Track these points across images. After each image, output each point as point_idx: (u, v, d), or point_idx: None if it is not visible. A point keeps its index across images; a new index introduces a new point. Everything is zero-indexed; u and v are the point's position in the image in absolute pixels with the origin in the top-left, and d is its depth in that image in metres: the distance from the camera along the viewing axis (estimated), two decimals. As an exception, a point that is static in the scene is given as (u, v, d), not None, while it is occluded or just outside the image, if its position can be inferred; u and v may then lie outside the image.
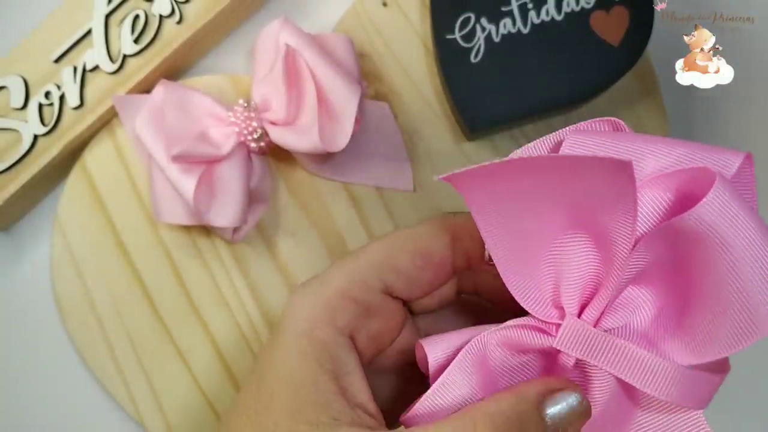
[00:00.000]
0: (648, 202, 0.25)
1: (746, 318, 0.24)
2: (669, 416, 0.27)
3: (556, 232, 0.26)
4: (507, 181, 0.25)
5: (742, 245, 0.23)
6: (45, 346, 0.46)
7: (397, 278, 0.30)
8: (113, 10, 0.46)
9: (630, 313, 0.27)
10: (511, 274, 0.26)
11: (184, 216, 0.43)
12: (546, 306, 0.27)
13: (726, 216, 0.23)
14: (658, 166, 0.25)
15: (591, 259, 0.26)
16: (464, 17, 0.45)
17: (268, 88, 0.43)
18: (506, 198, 0.25)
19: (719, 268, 0.24)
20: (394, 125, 0.47)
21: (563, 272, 0.27)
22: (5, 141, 0.45)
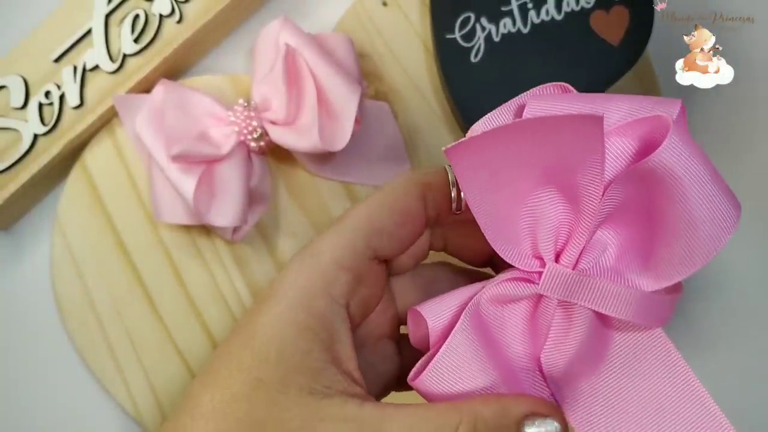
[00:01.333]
0: (614, 149, 0.28)
1: (694, 242, 0.27)
2: (638, 335, 0.31)
3: (529, 189, 0.29)
4: (489, 147, 0.27)
5: (691, 180, 0.27)
6: (45, 346, 0.46)
7: (381, 239, 0.31)
8: (113, 9, 0.46)
9: (599, 252, 0.30)
10: (493, 233, 0.29)
11: (184, 216, 0.43)
12: (527, 258, 0.30)
13: (680, 157, 0.26)
14: (615, 119, 0.28)
15: (561, 209, 0.29)
16: (464, 17, 0.45)
17: (268, 88, 0.43)
18: (487, 163, 0.28)
19: (673, 202, 0.27)
20: (394, 125, 0.47)
21: (538, 225, 0.29)
22: (5, 140, 0.45)
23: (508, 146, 0.27)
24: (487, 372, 0.29)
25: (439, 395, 0.29)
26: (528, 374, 0.31)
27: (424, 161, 0.47)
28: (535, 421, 0.28)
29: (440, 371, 0.29)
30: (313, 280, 0.30)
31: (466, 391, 0.29)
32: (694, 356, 0.32)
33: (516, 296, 0.30)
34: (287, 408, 0.28)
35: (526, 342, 0.31)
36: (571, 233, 0.29)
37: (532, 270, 0.30)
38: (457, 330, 0.29)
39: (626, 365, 0.31)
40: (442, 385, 0.29)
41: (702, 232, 0.27)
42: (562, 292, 0.29)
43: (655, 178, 0.27)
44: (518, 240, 0.30)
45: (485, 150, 0.27)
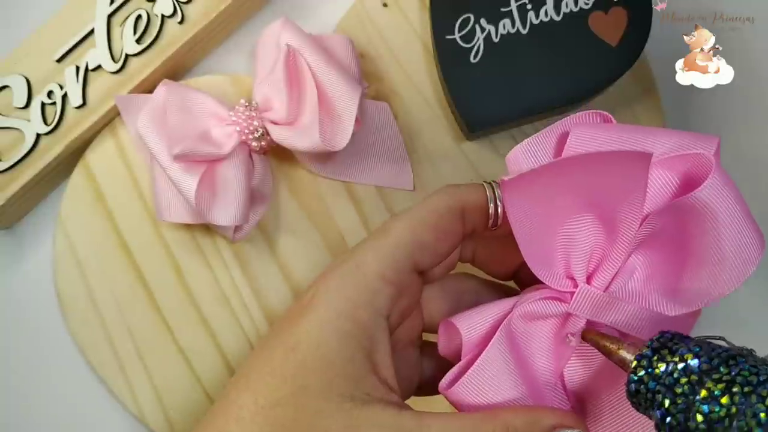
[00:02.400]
0: (656, 183, 0.30)
1: (720, 274, 0.29)
2: None
3: (568, 214, 0.31)
4: (542, 179, 0.29)
5: (725, 216, 0.28)
6: (47, 344, 0.46)
7: (422, 254, 0.32)
8: (116, 10, 0.46)
9: (627, 276, 0.31)
10: (530, 252, 0.30)
11: (185, 215, 0.43)
12: (560, 278, 0.31)
13: (719, 195, 0.28)
14: (656, 153, 0.29)
15: (597, 234, 0.31)
16: (464, 18, 0.45)
17: (270, 88, 0.43)
18: (535, 191, 0.29)
19: (705, 235, 0.29)
20: (394, 125, 0.47)
21: (573, 247, 0.31)
22: (8, 140, 0.45)
23: (558, 177, 0.29)
24: (517, 385, 0.31)
25: (470, 405, 0.30)
26: (550, 388, 0.32)
27: (424, 160, 0.47)
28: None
29: (475, 382, 0.30)
30: (357, 291, 0.31)
31: (497, 402, 0.30)
32: None
33: (547, 314, 0.31)
34: (329, 414, 0.29)
35: (551, 357, 0.32)
36: (604, 257, 0.31)
37: (564, 290, 0.31)
38: (493, 344, 0.30)
39: None
40: (475, 395, 0.30)
41: (728, 265, 0.28)
42: (591, 312, 0.31)
43: (691, 211, 0.28)
44: (553, 260, 0.31)
45: (538, 181, 0.29)
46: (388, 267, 0.31)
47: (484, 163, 0.47)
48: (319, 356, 0.29)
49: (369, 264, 0.31)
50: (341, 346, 0.30)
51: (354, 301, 0.30)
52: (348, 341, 0.30)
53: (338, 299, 0.30)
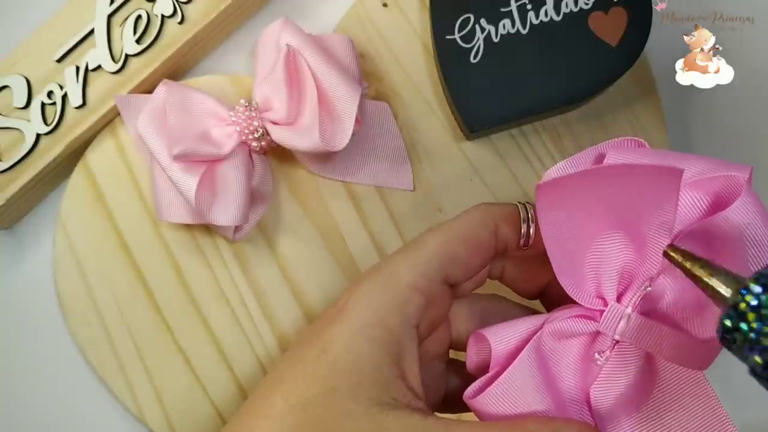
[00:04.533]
0: (686, 202, 0.30)
1: None
2: (680, 376, 0.32)
3: (599, 231, 0.31)
4: (574, 187, 0.29)
5: (751, 235, 0.29)
6: (47, 344, 0.46)
7: (453, 267, 0.33)
8: (115, 10, 0.46)
9: (657, 298, 0.31)
10: (561, 269, 0.31)
11: (185, 215, 0.43)
12: (590, 296, 0.31)
13: (747, 217, 0.28)
14: (688, 175, 0.30)
15: (628, 253, 0.31)
16: (464, 18, 0.45)
17: (270, 88, 0.43)
18: (566, 203, 0.30)
19: (731, 257, 0.29)
20: (394, 125, 0.47)
21: (603, 266, 0.31)
22: (8, 140, 0.45)
23: (589, 188, 0.29)
24: (542, 398, 0.31)
25: (495, 416, 0.31)
26: (576, 405, 0.32)
27: (424, 161, 0.47)
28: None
29: (500, 393, 0.30)
30: (388, 299, 0.31)
31: (519, 413, 0.31)
32: None
33: (577, 332, 0.32)
34: (357, 417, 0.29)
35: (578, 376, 0.32)
36: (633, 276, 0.31)
37: (594, 308, 0.31)
38: (522, 357, 0.30)
39: (666, 403, 0.32)
40: (499, 406, 0.31)
41: None
42: (620, 331, 0.31)
43: (719, 232, 0.29)
44: (583, 278, 0.31)
45: (570, 189, 0.29)
46: (419, 277, 0.32)
47: (484, 163, 0.47)
48: (350, 360, 0.30)
49: (401, 273, 0.32)
50: (371, 352, 0.30)
51: (385, 308, 0.31)
52: (377, 347, 0.30)
53: (369, 306, 0.31)
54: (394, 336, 0.31)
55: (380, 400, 0.30)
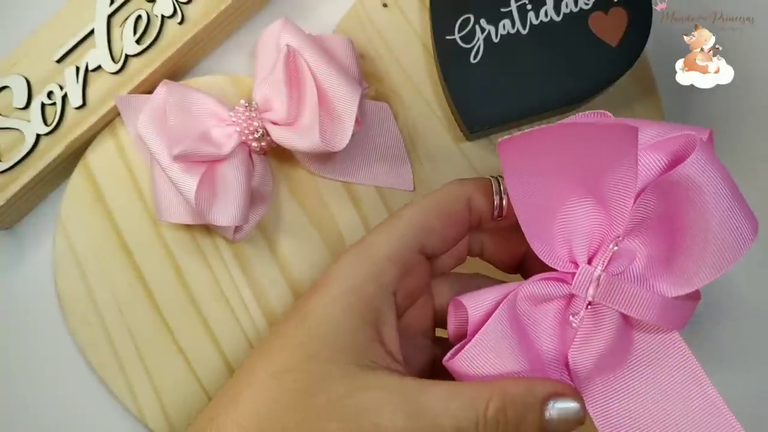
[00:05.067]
0: (645, 162, 0.30)
1: (710, 253, 0.30)
2: (656, 337, 0.33)
3: (567, 195, 0.32)
4: (536, 145, 0.30)
5: (711, 193, 0.29)
6: (47, 345, 0.46)
7: (428, 238, 0.34)
8: (115, 10, 0.46)
9: (628, 260, 0.32)
10: (532, 235, 0.32)
11: (185, 215, 0.43)
12: (562, 261, 0.33)
13: (704, 171, 0.29)
14: (651, 135, 0.31)
15: (596, 216, 0.32)
16: (464, 18, 0.45)
17: (270, 89, 0.43)
18: (532, 163, 0.31)
19: (693, 213, 0.29)
20: (394, 125, 0.47)
21: (573, 229, 0.32)
22: (8, 140, 0.45)
23: (552, 148, 0.30)
24: (517, 359, 0.32)
25: (471, 376, 0.32)
26: (556, 368, 0.34)
27: (424, 161, 0.47)
28: (557, 400, 0.31)
29: (476, 354, 0.32)
30: (365, 269, 0.33)
31: (496, 374, 0.32)
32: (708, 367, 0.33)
33: (550, 295, 0.33)
34: (336, 378, 0.31)
35: (556, 340, 0.34)
36: (603, 239, 0.32)
37: (566, 271, 0.33)
38: (493, 318, 0.32)
39: (644, 364, 0.33)
40: (475, 366, 0.32)
41: (717, 243, 0.29)
42: (593, 293, 0.32)
43: (680, 190, 0.29)
44: (555, 242, 0.33)
45: (532, 147, 0.30)
46: (394, 247, 0.33)
47: (484, 163, 0.47)
48: (327, 327, 0.31)
49: (377, 244, 0.34)
50: (347, 318, 0.32)
51: (361, 277, 0.33)
52: (353, 313, 0.32)
53: (347, 276, 0.33)
54: (371, 303, 0.32)
55: (358, 362, 0.31)
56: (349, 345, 0.31)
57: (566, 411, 0.31)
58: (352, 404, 0.30)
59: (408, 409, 0.30)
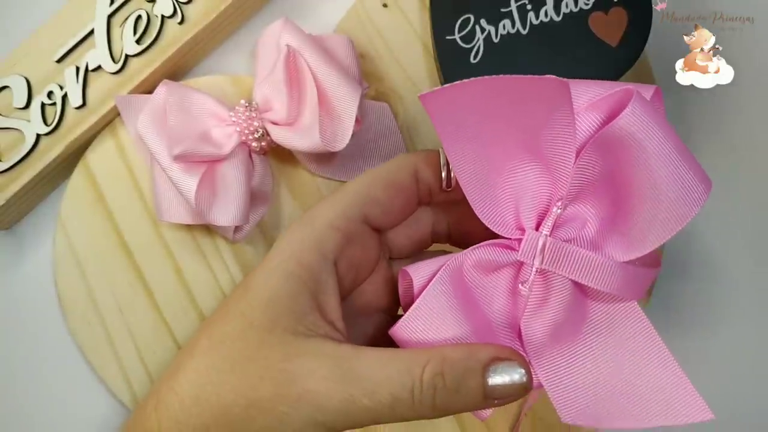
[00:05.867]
0: (585, 123, 0.29)
1: (659, 210, 0.28)
2: (613, 306, 0.32)
3: (509, 160, 0.31)
4: (470, 105, 0.29)
5: (653, 147, 0.28)
6: (47, 344, 0.46)
7: (373, 207, 0.34)
8: (115, 10, 0.46)
9: (579, 226, 0.31)
10: (478, 202, 0.31)
11: (186, 215, 0.43)
12: (509, 227, 0.31)
13: (641, 124, 0.28)
14: (591, 95, 0.30)
15: (541, 180, 0.31)
16: (464, 18, 0.45)
17: (270, 89, 0.43)
18: (471, 129, 0.30)
19: (637, 169, 0.28)
20: (394, 125, 0.47)
21: (519, 195, 0.31)
22: (8, 140, 0.45)
23: (484, 105, 0.29)
24: (460, 325, 0.31)
25: (414, 343, 0.31)
26: (508, 336, 0.33)
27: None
28: (500, 365, 0.30)
29: (415, 319, 0.31)
30: (305, 237, 0.33)
31: (439, 340, 0.31)
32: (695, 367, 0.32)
33: (498, 262, 0.32)
34: (272, 345, 0.31)
35: (507, 309, 0.33)
36: (550, 203, 0.31)
37: (513, 237, 0.31)
38: (433, 283, 0.31)
39: (600, 333, 0.32)
40: (417, 333, 0.31)
41: (665, 202, 0.28)
42: (541, 259, 0.31)
43: (622, 146, 0.28)
44: (500, 208, 0.32)
45: (463, 104, 0.29)
46: (336, 216, 0.33)
47: (484, 163, 0.47)
48: (266, 295, 0.31)
49: (319, 214, 0.33)
50: (286, 285, 0.32)
51: (301, 245, 0.33)
52: (292, 281, 0.32)
53: (289, 245, 0.33)
54: (310, 271, 0.32)
55: (295, 329, 0.31)
56: (287, 312, 0.31)
57: (510, 376, 0.30)
58: (286, 370, 0.30)
59: (341, 374, 0.30)
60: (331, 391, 0.30)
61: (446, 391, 0.30)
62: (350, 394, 0.29)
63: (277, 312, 0.31)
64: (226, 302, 0.33)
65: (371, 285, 0.36)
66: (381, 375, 0.30)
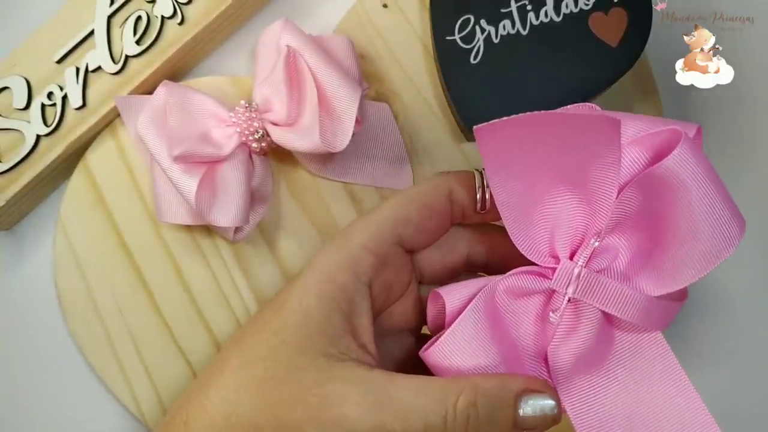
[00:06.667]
0: (629, 156, 0.30)
1: (695, 251, 0.29)
2: (638, 336, 0.32)
3: (550, 188, 0.31)
4: (515, 132, 0.30)
5: (696, 190, 0.28)
6: (47, 345, 0.46)
7: (406, 228, 0.34)
8: (115, 11, 0.46)
9: (611, 258, 0.31)
10: (514, 228, 0.32)
11: (186, 216, 0.43)
12: (543, 255, 0.32)
13: (688, 167, 0.28)
14: (633, 131, 0.30)
15: (579, 211, 0.31)
16: (464, 19, 0.45)
17: (270, 89, 0.43)
18: (512, 152, 0.30)
19: (678, 209, 0.29)
20: (394, 125, 0.47)
21: (556, 223, 0.32)
22: (8, 141, 0.45)
23: (533, 137, 0.30)
24: (491, 352, 0.31)
25: (445, 369, 0.31)
26: (535, 363, 0.33)
27: (424, 161, 0.47)
28: (531, 396, 0.30)
29: (449, 344, 0.31)
30: (340, 258, 0.33)
31: (470, 367, 0.31)
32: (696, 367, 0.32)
33: (530, 289, 0.32)
34: (303, 367, 0.31)
35: (536, 335, 0.33)
36: (585, 234, 0.31)
37: (547, 266, 0.32)
38: (469, 309, 0.31)
39: (625, 363, 0.32)
40: (449, 357, 0.31)
41: (702, 242, 0.29)
42: (574, 289, 0.31)
43: (665, 186, 0.29)
44: (536, 236, 0.32)
45: (512, 134, 0.30)
46: (370, 238, 0.33)
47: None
48: (299, 314, 0.31)
49: (354, 235, 0.33)
50: (320, 306, 0.31)
51: (336, 266, 0.32)
52: (327, 301, 0.32)
53: (323, 265, 0.33)
54: (345, 292, 0.32)
55: (327, 352, 0.31)
56: (320, 333, 0.31)
57: (541, 407, 0.31)
58: (319, 395, 0.30)
59: (374, 400, 0.30)
60: (363, 417, 0.29)
61: (478, 421, 0.30)
62: (382, 421, 0.29)
63: (310, 332, 0.31)
64: (256, 319, 0.33)
65: (400, 306, 0.36)
66: (415, 402, 0.30)
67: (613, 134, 0.28)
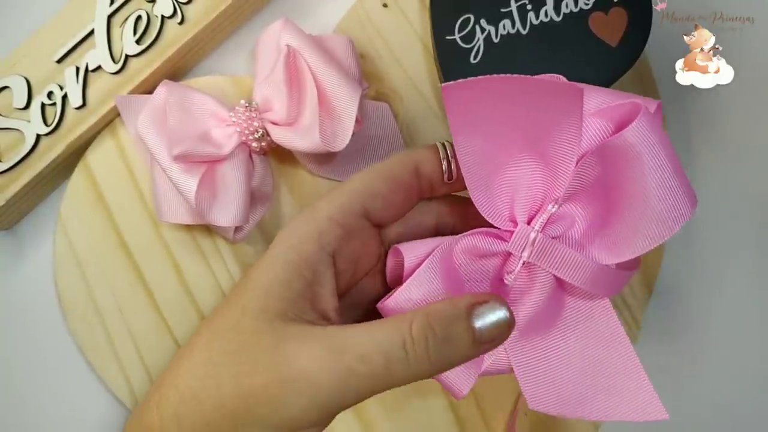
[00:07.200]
0: (591, 129, 0.31)
1: (645, 222, 0.30)
2: (587, 302, 0.34)
3: (513, 154, 0.32)
4: (485, 99, 0.30)
5: (650, 162, 0.29)
6: (47, 345, 0.46)
7: (374, 201, 0.35)
8: (115, 10, 0.46)
9: (568, 225, 0.32)
10: (476, 191, 0.32)
11: (186, 216, 0.43)
12: (503, 218, 0.33)
13: (645, 139, 0.29)
14: (598, 102, 0.31)
15: (539, 177, 0.32)
16: (464, 18, 0.45)
17: (270, 89, 0.43)
18: (477, 114, 0.31)
19: (632, 180, 0.30)
20: (394, 125, 0.47)
21: (516, 188, 0.33)
22: (8, 141, 0.45)
23: (499, 100, 0.30)
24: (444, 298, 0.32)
25: None
26: None
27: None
28: (481, 308, 0.31)
29: (404, 297, 0.32)
30: (307, 230, 0.33)
31: None
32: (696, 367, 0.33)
33: (487, 251, 0.33)
34: (263, 332, 0.31)
35: None
36: (544, 200, 0.32)
37: (505, 229, 0.33)
38: (425, 264, 0.32)
39: (572, 327, 0.34)
40: (404, 310, 0.32)
41: (654, 213, 0.29)
42: (529, 253, 0.32)
43: (622, 157, 0.30)
44: (497, 200, 0.33)
45: (478, 96, 0.30)
46: (336, 210, 0.34)
47: (484, 163, 0.47)
48: (263, 282, 0.32)
49: (321, 208, 0.34)
50: (282, 272, 0.32)
51: (300, 237, 0.33)
52: (289, 268, 0.32)
53: (290, 237, 0.34)
54: (308, 261, 0.33)
55: (285, 315, 0.31)
56: (280, 297, 0.32)
57: (494, 315, 0.31)
58: (277, 354, 0.30)
59: (331, 348, 0.30)
60: (324, 365, 0.30)
61: (437, 341, 0.30)
62: (344, 364, 0.30)
63: (270, 297, 0.32)
64: (228, 296, 0.34)
65: (370, 279, 0.37)
66: (371, 340, 0.30)
67: (575, 102, 0.29)
